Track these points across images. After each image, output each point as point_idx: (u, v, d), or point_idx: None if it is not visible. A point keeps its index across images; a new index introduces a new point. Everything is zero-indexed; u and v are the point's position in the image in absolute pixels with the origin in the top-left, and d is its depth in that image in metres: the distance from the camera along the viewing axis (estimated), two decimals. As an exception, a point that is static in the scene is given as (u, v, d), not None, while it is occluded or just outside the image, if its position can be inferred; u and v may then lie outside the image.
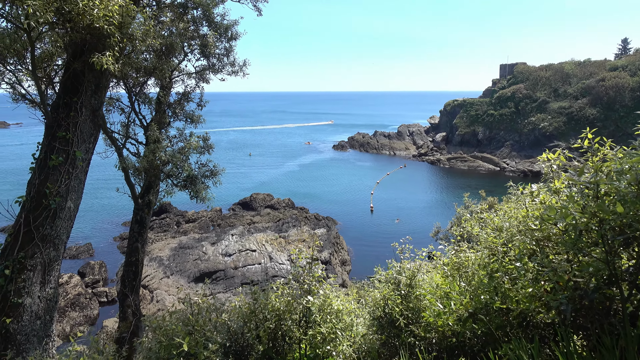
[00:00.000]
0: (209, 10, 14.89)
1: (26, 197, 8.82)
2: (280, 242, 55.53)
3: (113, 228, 66.30)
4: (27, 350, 8.06)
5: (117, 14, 8.70)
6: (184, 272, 49.13)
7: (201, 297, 7.34)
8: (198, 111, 15.44)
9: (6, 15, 8.89)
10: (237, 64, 15.73)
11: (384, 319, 7.65)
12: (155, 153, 12.38)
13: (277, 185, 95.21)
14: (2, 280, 8.11)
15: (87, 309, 42.76)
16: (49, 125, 9.34)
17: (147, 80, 14.40)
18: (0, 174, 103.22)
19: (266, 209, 72.98)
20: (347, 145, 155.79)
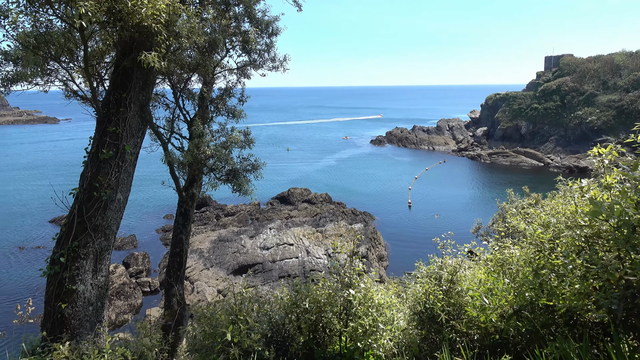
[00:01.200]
0: (251, 6, 15.10)
1: (79, 189, 9.25)
2: (317, 237, 55.83)
3: (156, 220, 68.38)
4: (80, 335, 8.48)
5: (164, 12, 8.96)
6: (224, 265, 50.19)
7: (244, 288, 7.52)
8: (239, 106, 15.72)
9: (61, 15, 9.30)
10: (278, 60, 15.88)
11: (425, 314, 7.62)
12: (198, 147, 12.71)
13: (315, 179, 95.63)
14: (58, 267, 8.56)
15: (132, 298, 44.36)
16: (100, 120, 9.73)
17: (191, 76, 14.76)
18: (55, 167, 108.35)
19: (303, 204, 73.48)
20: (385, 140, 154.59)
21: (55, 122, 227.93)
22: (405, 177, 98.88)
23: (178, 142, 15.06)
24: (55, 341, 7.71)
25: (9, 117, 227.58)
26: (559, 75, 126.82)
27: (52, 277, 8.63)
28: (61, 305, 8.35)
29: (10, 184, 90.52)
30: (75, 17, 8.43)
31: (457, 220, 67.35)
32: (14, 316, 8.44)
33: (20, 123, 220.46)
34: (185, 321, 13.18)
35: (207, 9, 14.59)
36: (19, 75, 11.94)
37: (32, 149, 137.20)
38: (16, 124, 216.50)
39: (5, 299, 42.31)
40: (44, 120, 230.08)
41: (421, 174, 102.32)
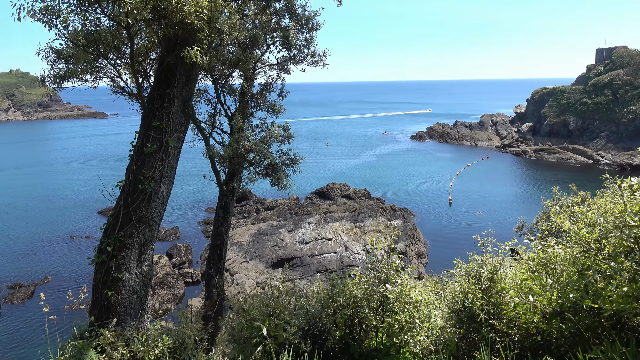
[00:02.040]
0: (291, 2, 15.19)
1: (125, 182, 9.60)
2: (355, 232, 55.74)
3: (198, 213, 70.07)
4: (125, 321, 8.83)
5: (206, 9, 9.13)
6: (263, 258, 50.92)
7: (281, 281, 7.61)
8: (279, 101, 15.87)
9: (109, 13, 9.65)
10: (317, 55, 15.93)
11: (464, 313, 7.49)
12: (239, 142, 12.93)
13: (354, 175, 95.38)
14: (105, 256, 8.92)
15: (174, 288, 45.71)
16: (145, 115, 10.05)
17: (232, 72, 15.01)
18: (104, 160, 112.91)
19: (342, 199, 73.46)
20: (425, 135, 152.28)
21: (104, 116, 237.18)
22: (446, 173, 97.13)
23: (219, 137, 15.39)
24: (101, 327, 8.06)
25: (61, 112, 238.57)
26: (612, 69, 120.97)
27: (100, 265, 9.02)
28: (107, 293, 8.71)
29: (63, 176, 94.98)
30: (122, 15, 8.73)
31: (499, 218, 65.67)
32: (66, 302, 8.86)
33: (72, 118, 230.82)
34: (225, 312, 13.49)
35: (249, 5, 14.77)
36: (70, 73, 12.47)
37: (82, 143, 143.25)
38: (68, 119, 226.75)
39: (58, 286, 44.49)
40: (93, 115, 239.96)
41: (463, 170, 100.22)
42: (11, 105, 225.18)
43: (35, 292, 44.03)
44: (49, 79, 12.58)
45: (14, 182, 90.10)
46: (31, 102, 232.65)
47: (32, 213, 69.17)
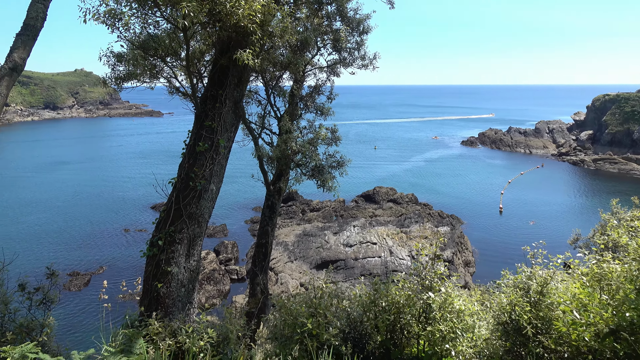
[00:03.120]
0: (343, 5, 15.24)
1: (177, 179, 9.97)
2: (401, 237, 55.09)
3: (245, 211, 71.46)
4: (173, 313, 9.15)
5: (259, 12, 9.34)
6: (307, 259, 51.25)
7: (324, 282, 7.66)
8: (328, 104, 15.95)
9: (167, 16, 10.05)
10: (368, 58, 15.90)
11: (510, 325, 7.27)
12: (287, 143, 13.11)
13: (401, 179, 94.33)
14: (156, 249, 9.30)
15: (220, 284, 46.81)
16: (198, 115, 10.39)
17: (282, 74, 15.24)
18: (158, 156, 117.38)
19: (389, 203, 72.82)
20: (477, 141, 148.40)
21: (159, 115, 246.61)
22: (498, 180, 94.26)
23: (268, 138, 15.66)
24: (151, 317, 8.40)
25: (120, 109, 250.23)
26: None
27: (151, 258, 9.40)
28: (157, 285, 9.07)
29: (121, 172, 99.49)
30: (179, 18, 9.07)
31: (552, 230, 63.04)
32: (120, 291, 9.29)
33: (130, 116, 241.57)
34: (268, 310, 13.70)
35: (301, 9, 14.96)
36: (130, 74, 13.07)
37: (139, 140, 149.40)
38: (126, 117, 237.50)
39: (112, 275, 46.60)
40: (149, 114, 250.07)
41: (515, 178, 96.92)
42: (75, 102, 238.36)
43: (90, 281, 46.33)
44: (110, 81, 13.23)
45: (77, 175, 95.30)
46: (93, 100, 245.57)
47: (91, 206, 72.90)
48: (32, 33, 8.75)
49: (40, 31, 8.97)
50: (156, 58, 11.54)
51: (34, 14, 8.85)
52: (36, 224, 62.92)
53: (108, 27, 9.39)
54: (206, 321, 7.53)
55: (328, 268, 9.75)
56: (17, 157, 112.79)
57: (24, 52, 8.55)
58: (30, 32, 8.72)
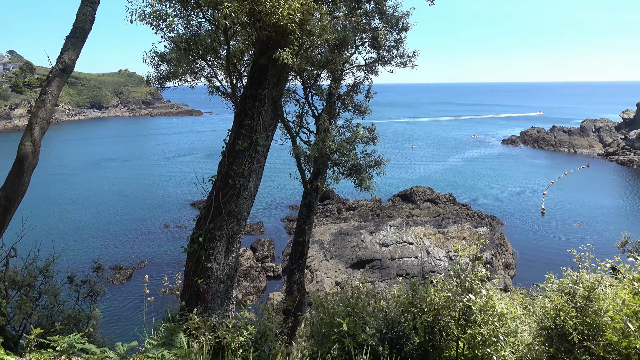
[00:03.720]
0: (382, 2, 15.12)
1: (217, 177, 10.16)
2: (438, 238, 54.26)
3: (282, 209, 72.08)
4: (212, 309, 9.34)
5: (298, 12, 9.38)
6: (342, 257, 51.21)
7: (362, 282, 7.63)
8: (365, 102, 15.87)
9: (209, 17, 10.25)
10: (406, 56, 15.72)
11: (554, 331, 7.03)
12: (324, 142, 13.13)
13: (439, 179, 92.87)
14: (197, 246, 9.51)
15: (257, 280, 47.40)
16: (238, 114, 10.55)
17: (320, 73, 15.26)
18: (198, 155, 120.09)
19: (426, 203, 71.86)
20: (518, 140, 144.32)
21: (199, 114, 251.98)
22: (540, 181, 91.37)
23: (306, 136, 15.72)
24: (191, 312, 8.59)
25: (161, 109, 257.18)
26: None
27: (191, 254, 9.62)
28: (197, 280, 9.27)
29: (162, 169, 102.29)
30: (221, 18, 9.22)
31: (599, 232, 60.60)
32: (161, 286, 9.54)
33: (170, 115, 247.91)
34: (304, 308, 13.78)
35: (339, 7, 14.94)
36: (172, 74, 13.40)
37: (180, 139, 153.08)
38: (167, 116, 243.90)
39: (153, 270, 47.97)
40: (189, 113, 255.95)
41: (559, 178, 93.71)
42: (119, 102, 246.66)
43: (132, 275, 47.86)
44: (154, 80, 13.59)
45: (122, 173, 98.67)
46: (136, 100, 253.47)
47: (134, 202, 75.30)
48: (81, 35, 9.10)
49: (89, 33, 9.32)
50: (197, 57, 11.78)
51: (83, 17, 9.20)
52: (83, 219, 65.53)
53: (153, 27, 9.65)
54: (245, 317, 7.64)
55: (364, 267, 9.71)
56: (66, 155, 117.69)
57: (74, 53, 8.90)
58: (80, 34, 9.06)
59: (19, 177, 7.94)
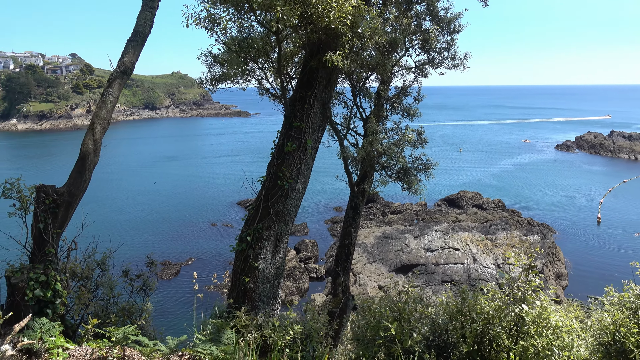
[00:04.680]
0: (433, 4, 14.90)
1: (266, 178, 10.31)
2: (486, 244, 52.78)
3: (326, 211, 72.27)
4: (258, 307, 9.48)
5: (350, 14, 9.38)
6: (386, 261, 50.74)
7: (410, 287, 7.53)
8: (415, 105, 15.68)
9: (261, 20, 10.42)
10: (458, 58, 15.43)
11: (613, 347, 6.67)
12: (372, 144, 13.07)
13: (487, 184, 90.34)
14: (245, 245, 9.68)
15: (300, 281, 47.70)
16: (287, 116, 10.67)
17: (369, 75, 15.20)
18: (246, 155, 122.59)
19: (473, 208, 70.06)
20: (573, 145, 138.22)
21: (247, 115, 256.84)
22: (596, 189, 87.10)
23: (353, 139, 15.71)
24: (238, 309, 8.75)
25: (211, 110, 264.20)
26: None
27: (239, 253, 9.81)
28: (245, 279, 9.44)
29: (211, 169, 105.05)
30: (273, 21, 9.37)
31: (661, 244, 57.14)
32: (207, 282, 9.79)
33: (219, 116, 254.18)
34: (349, 310, 13.75)
35: (390, 9, 14.83)
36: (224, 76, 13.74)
37: (229, 139, 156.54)
38: (216, 116, 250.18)
39: (199, 267, 49.27)
40: (238, 114, 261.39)
41: (617, 186, 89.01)
42: (171, 103, 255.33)
43: (180, 271, 49.29)
44: (206, 81, 13.97)
45: (173, 171, 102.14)
46: (187, 101, 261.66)
47: (184, 200, 77.67)
48: (140, 39, 9.49)
49: (148, 37, 9.71)
50: (249, 59, 12.01)
51: (142, 21, 9.58)
52: (137, 215, 68.20)
53: (207, 31, 9.93)
54: (292, 317, 7.70)
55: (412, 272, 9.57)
56: (122, 153, 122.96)
57: (134, 56, 9.28)
58: (139, 37, 9.45)
59: (81, 174, 8.36)
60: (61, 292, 7.96)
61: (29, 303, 7.57)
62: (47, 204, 8.00)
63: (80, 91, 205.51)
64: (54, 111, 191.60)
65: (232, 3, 9.57)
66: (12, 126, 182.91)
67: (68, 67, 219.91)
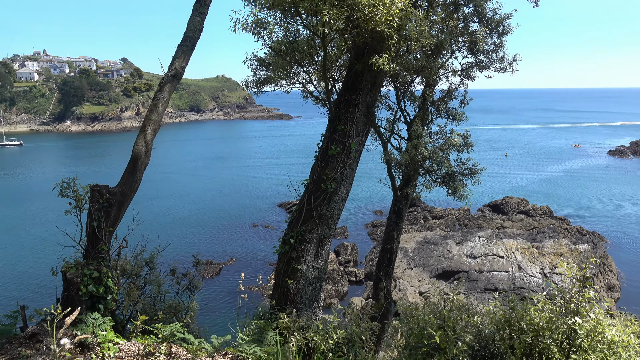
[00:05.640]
0: (481, 5, 14.57)
1: (309, 180, 10.35)
2: (532, 252, 51.00)
3: (367, 214, 71.90)
4: (300, 310, 9.51)
5: (397, 17, 9.30)
6: (427, 267, 49.90)
7: (456, 294, 7.36)
8: (460, 109, 15.37)
9: (307, 24, 10.49)
10: (507, 60, 15.02)
11: (676, 366, 6.29)
12: (417, 148, 12.89)
13: (534, 190, 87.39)
14: (288, 247, 9.75)
15: (339, 284, 47.60)
16: (331, 119, 10.68)
17: (414, 78, 15.02)
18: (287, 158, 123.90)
19: (519, 215, 67.92)
20: (627, 151, 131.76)
21: (288, 118, 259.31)
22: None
23: (396, 142, 15.55)
24: (281, 311, 8.81)
25: (254, 113, 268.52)
26: None
27: (283, 255, 9.88)
28: (287, 281, 9.50)
29: (254, 171, 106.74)
30: (319, 25, 9.40)
31: None
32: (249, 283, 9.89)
33: (262, 118, 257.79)
34: (391, 316, 13.60)
35: (436, 11, 14.61)
36: (269, 78, 13.92)
37: (271, 142, 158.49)
38: (259, 119, 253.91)
39: (240, 267, 50.04)
40: (279, 117, 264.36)
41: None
42: (215, 106, 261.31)
43: (222, 270, 50.22)
44: (252, 84, 14.18)
45: (217, 172, 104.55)
46: (231, 104, 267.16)
47: (227, 200, 79.29)
48: (190, 44, 9.74)
49: (197, 42, 9.96)
50: (293, 62, 12.11)
51: (193, 27, 9.84)
52: (183, 215, 70.12)
53: (254, 35, 10.09)
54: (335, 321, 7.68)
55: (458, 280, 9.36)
56: (170, 155, 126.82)
57: (184, 60, 9.54)
58: (190, 42, 9.71)
59: (133, 174, 8.66)
60: (112, 289, 8.26)
61: (83, 298, 7.89)
62: (101, 203, 8.34)
63: (129, 94, 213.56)
64: (105, 113, 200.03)
65: (279, 7, 9.68)
66: (67, 127, 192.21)
67: (119, 71, 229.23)
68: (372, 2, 8.88)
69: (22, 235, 59.96)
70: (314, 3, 8.87)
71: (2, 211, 71.67)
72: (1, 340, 7.13)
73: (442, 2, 15.02)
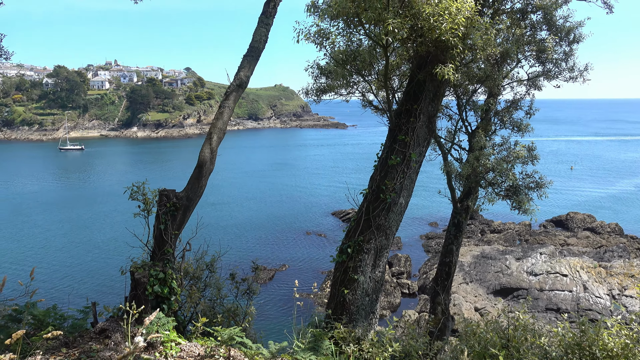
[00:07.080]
0: (551, 13, 14.01)
1: (368, 190, 10.29)
2: (599, 272, 48.04)
3: (422, 226, 70.50)
4: (356, 320, 9.44)
5: (462, 26, 9.10)
6: (484, 282, 48.17)
7: (522, 313, 7.04)
8: (526, 119, 14.79)
9: (369, 34, 10.49)
10: (577, 69, 14.32)
11: None
12: (479, 160, 12.52)
13: (602, 206, 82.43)
14: (345, 256, 9.72)
15: (391, 296, 46.86)
16: (392, 129, 10.58)
17: (477, 88, 14.64)
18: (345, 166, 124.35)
19: (585, 232, 64.25)
20: None
21: (344, 127, 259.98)
22: None
23: (457, 153, 15.17)
24: (336, 321, 8.77)
25: (310, 121, 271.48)
26: None
27: (339, 264, 9.86)
28: (344, 291, 9.45)
29: (310, 179, 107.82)
30: (382, 34, 9.37)
31: None
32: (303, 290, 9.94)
33: (318, 127, 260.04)
34: (448, 331, 13.21)
35: (501, 19, 14.20)
36: (328, 87, 14.02)
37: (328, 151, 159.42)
38: (315, 128, 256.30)
39: (292, 274, 50.48)
40: (335, 126, 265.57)
41: None
42: (273, 114, 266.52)
43: (275, 276, 50.82)
44: (312, 92, 14.34)
45: (275, 180, 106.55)
46: (287, 112, 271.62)
47: (283, 207, 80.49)
48: (255, 54, 10.00)
49: (262, 52, 10.20)
50: (354, 71, 12.14)
51: (258, 37, 10.10)
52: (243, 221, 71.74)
53: (317, 45, 10.20)
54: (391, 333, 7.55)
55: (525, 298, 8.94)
56: (231, 161, 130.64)
57: (249, 70, 9.80)
58: (255, 53, 9.96)
59: (198, 180, 8.96)
60: (176, 290, 8.56)
61: (149, 297, 8.22)
62: (168, 207, 8.68)
63: (192, 102, 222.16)
64: (168, 120, 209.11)
65: (342, 18, 9.74)
66: (133, 133, 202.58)
67: (183, 80, 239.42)
68: (437, 11, 8.74)
69: (95, 235, 63.56)
70: (378, 13, 8.86)
71: (77, 211, 76.34)
72: (74, 334, 7.55)
73: (509, 10, 14.58)
